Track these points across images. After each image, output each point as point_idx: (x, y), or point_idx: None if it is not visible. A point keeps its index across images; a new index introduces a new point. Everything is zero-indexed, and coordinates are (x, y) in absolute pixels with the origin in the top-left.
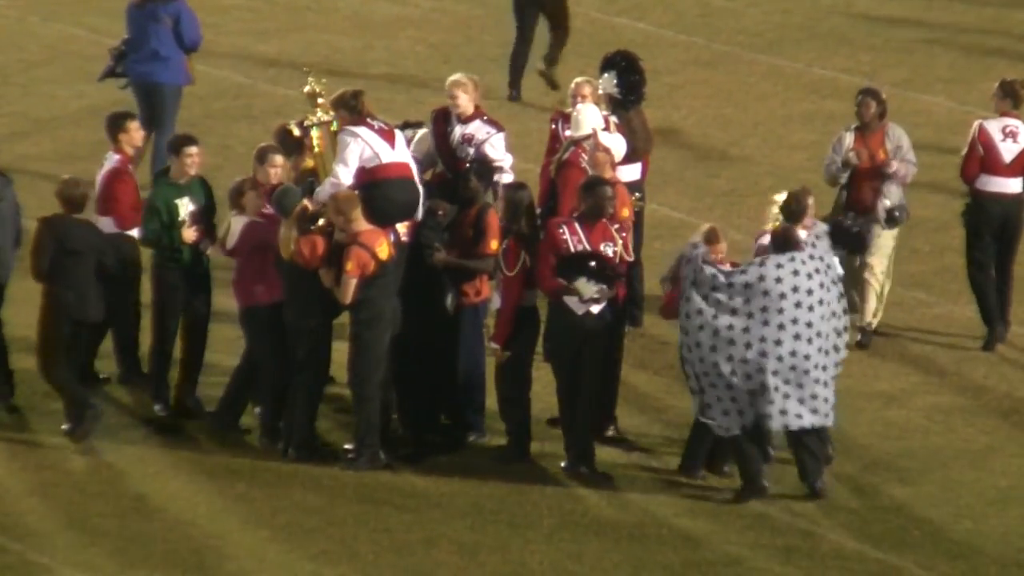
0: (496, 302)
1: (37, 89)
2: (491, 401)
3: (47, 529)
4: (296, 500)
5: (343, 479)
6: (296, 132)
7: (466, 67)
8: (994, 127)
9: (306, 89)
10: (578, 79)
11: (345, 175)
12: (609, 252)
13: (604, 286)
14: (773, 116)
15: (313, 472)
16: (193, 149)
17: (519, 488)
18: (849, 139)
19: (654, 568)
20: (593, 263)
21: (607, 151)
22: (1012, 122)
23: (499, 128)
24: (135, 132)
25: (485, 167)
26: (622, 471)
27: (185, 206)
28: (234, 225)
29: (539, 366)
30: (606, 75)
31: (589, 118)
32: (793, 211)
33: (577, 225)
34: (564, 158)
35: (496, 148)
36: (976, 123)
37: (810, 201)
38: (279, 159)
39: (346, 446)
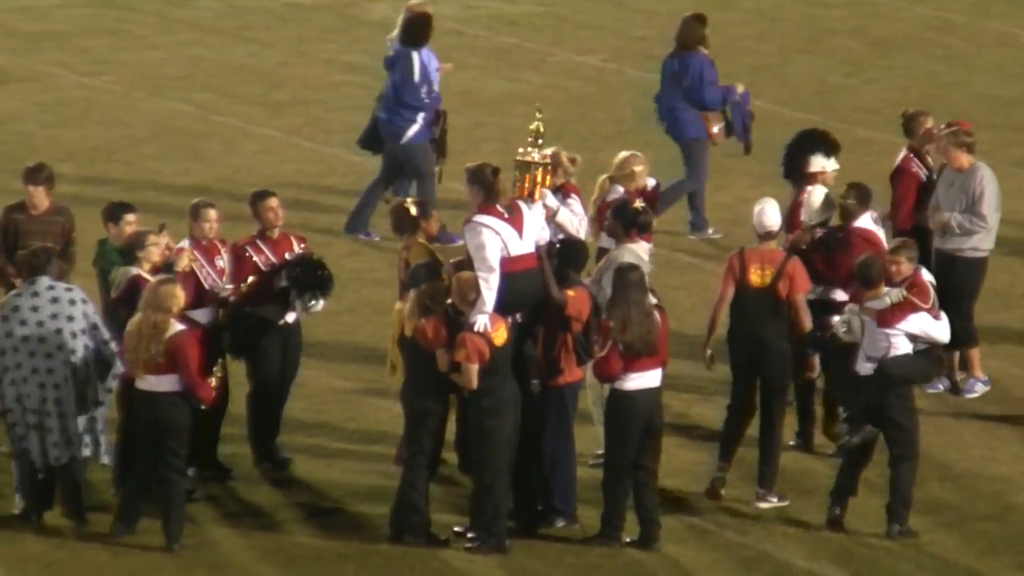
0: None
1: (143, 165)
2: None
3: None
4: None
5: (453, 563)
6: (413, 211)
7: (579, 145)
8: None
9: (532, 126)
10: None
11: (494, 279)
12: None
13: None
14: None
15: (414, 553)
16: (132, 216)
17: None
18: None
19: None
20: None
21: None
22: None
23: (571, 195)
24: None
25: (572, 247)
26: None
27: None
28: (122, 275)
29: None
30: (819, 154)
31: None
32: None
33: None
34: (814, 241)
35: (565, 213)
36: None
37: None
38: (213, 213)
39: (456, 528)
